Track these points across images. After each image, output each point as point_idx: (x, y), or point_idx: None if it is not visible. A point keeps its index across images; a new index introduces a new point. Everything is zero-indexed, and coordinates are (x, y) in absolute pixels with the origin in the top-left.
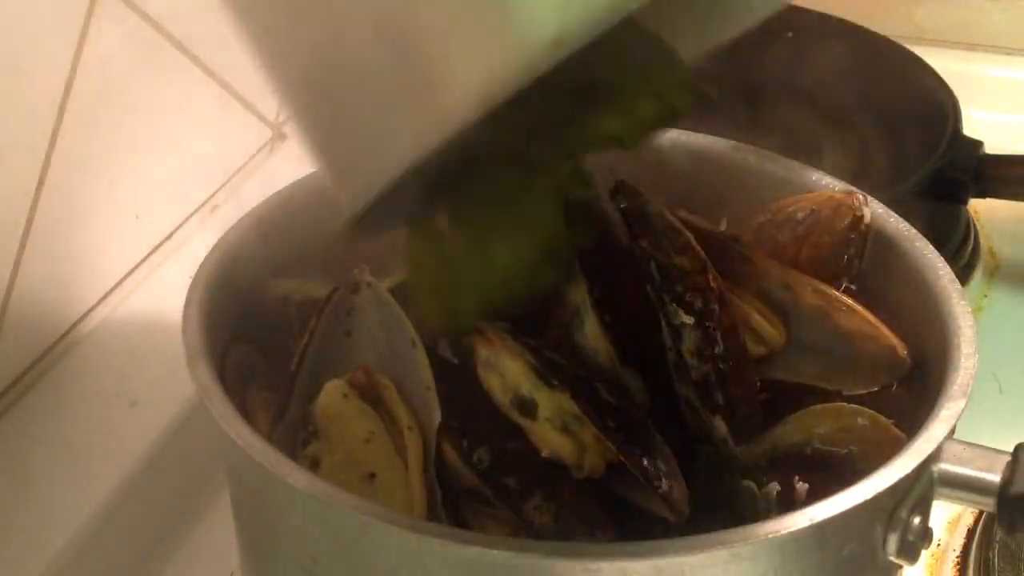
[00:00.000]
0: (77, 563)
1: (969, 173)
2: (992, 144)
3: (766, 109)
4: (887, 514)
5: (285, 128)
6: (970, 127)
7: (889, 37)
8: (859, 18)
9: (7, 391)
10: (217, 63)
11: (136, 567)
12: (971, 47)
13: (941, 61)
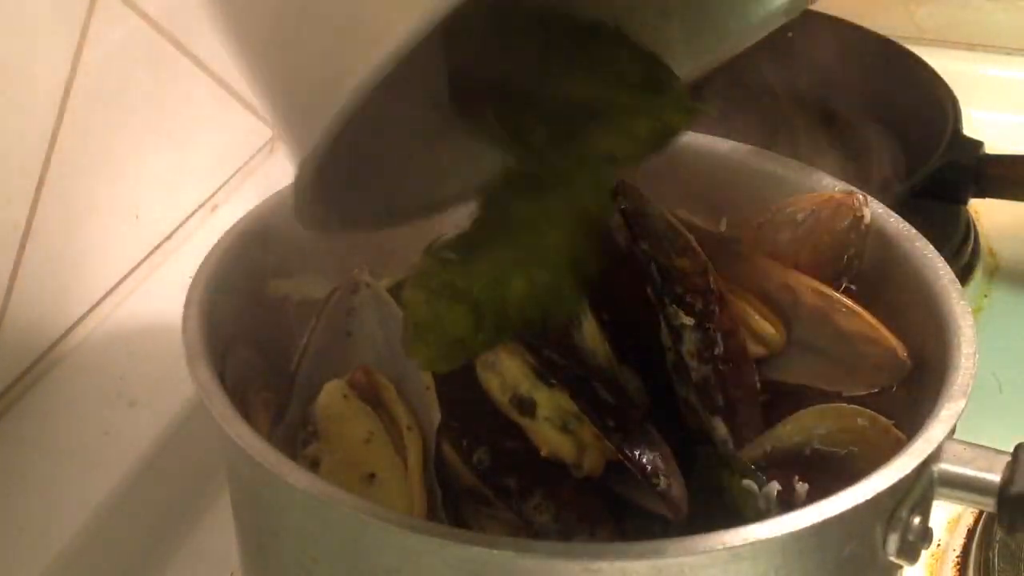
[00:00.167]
0: (77, 563)
1: (969, 173)
2: (992, 144)
3: (766, 109)
4: (887, 514)
5: None
6: (970, 127)
7: (889, 37)
8: (859, 18)
9: (7, 391)
10: (217, 63)
11: (136, 567)
12: (971, 47)
13: (941, 61)
